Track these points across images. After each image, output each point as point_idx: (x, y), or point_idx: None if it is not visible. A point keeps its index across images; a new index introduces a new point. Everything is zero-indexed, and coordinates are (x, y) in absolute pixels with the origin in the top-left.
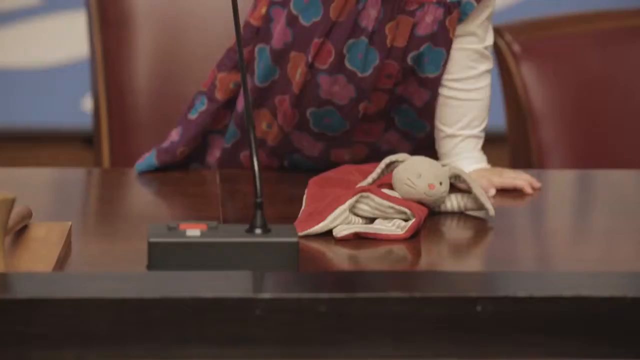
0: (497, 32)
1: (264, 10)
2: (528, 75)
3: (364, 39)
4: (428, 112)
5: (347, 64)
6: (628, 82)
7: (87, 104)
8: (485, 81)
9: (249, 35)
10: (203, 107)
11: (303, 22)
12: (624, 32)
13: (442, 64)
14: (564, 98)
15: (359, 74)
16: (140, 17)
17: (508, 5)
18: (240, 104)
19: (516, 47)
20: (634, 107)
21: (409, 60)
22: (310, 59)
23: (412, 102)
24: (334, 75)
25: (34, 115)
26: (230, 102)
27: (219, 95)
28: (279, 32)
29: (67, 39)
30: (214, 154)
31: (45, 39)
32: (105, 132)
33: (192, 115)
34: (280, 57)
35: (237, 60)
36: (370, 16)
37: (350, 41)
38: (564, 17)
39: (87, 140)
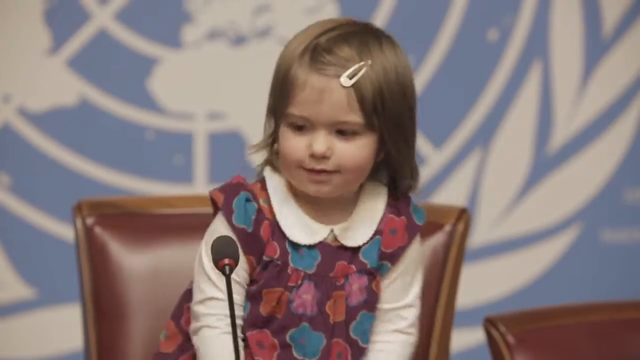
0: (491, 323)
1: None
2: None
3: (305, 324)
4: None
5: (295, 354)
6: None
7: None
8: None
9: None
10: None
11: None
12: (618, 324)
13: None
14: None
15: None
16: (135, 307)
17: (501, 297)
18: None
19: (510, 338)
20: None
21: (351, 332)
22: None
23: None
24: None
25: None
26: None
27: None
28: None
29: (61, 332)
30: None
31: (38, 333)
32: None
33: None
34: None
35: None
36: (306, 302)
37: (292, 330)
38: (557, 308)
39: None
